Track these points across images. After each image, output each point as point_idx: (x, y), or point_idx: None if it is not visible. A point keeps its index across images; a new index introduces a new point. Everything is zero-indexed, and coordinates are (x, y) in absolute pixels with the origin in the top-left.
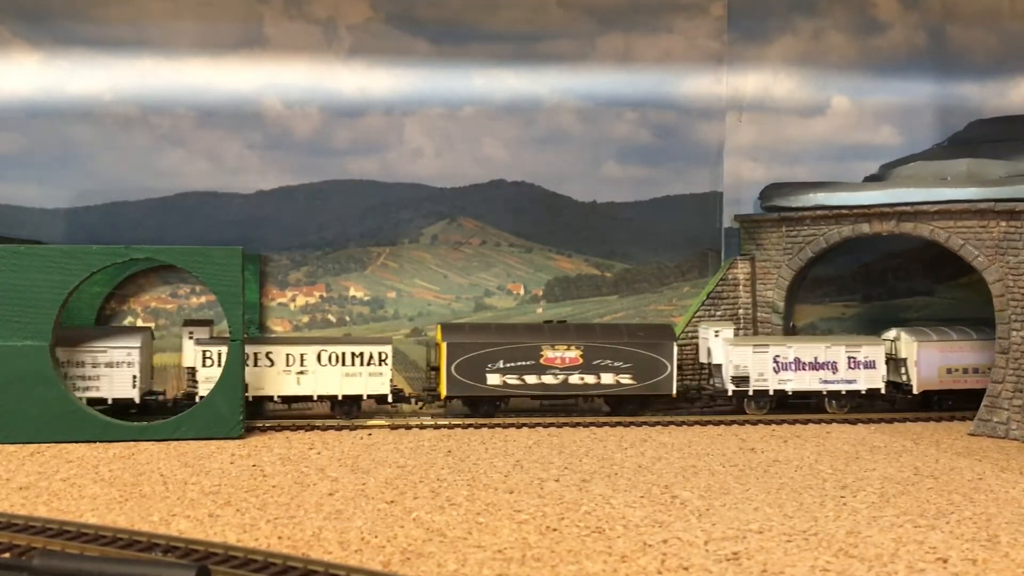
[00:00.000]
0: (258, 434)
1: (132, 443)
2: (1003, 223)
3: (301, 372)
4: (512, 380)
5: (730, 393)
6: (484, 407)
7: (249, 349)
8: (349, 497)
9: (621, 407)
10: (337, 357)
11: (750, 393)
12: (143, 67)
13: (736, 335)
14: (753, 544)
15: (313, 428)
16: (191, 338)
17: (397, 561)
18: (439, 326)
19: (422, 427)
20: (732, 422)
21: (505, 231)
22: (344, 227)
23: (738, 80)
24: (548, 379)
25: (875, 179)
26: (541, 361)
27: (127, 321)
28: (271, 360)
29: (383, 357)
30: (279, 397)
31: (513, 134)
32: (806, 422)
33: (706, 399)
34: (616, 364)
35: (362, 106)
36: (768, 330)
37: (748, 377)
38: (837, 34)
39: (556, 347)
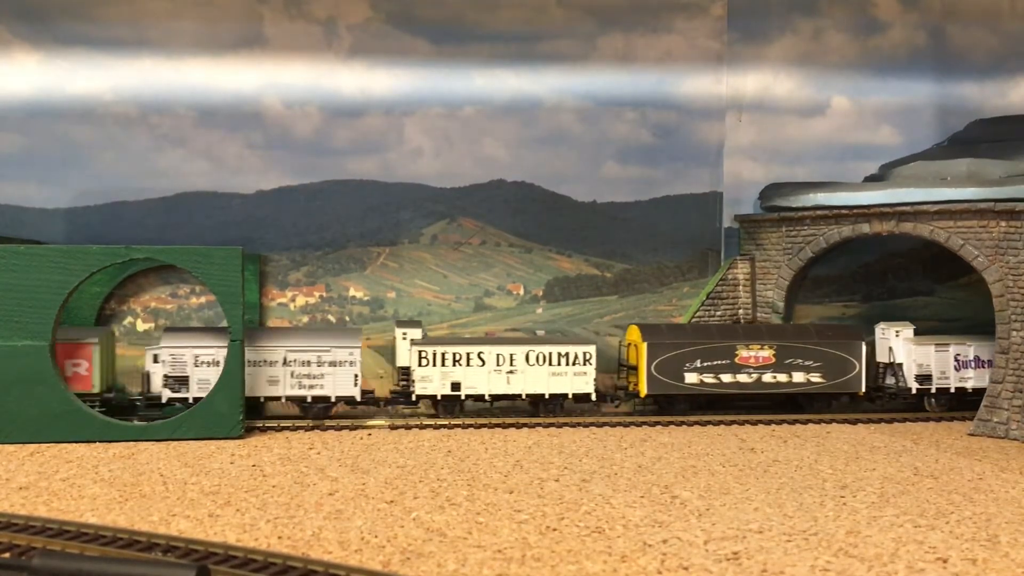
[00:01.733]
0: (258, 434)
1: (132, 443)
2: (1003, 223)
3: (511, 371)
4: (708, 379)
5: (914, 391)
6: (680, 405)
7: (462, 349)
8: (349, 497)
9: (810, 405)
10: (544, 357)
11: (932, 391)
12: (143, 67)
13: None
14: (753, 544)
15: (313, 428)
16: (404, 339)
17: (397, 561)
18: (636, 327)
19: (422, 427)
20: (732, 422)
21: (505, 231)
22: (344, 227)
23: (738, 80)
24: (743, 378)
25: (875, 179)
26: (736, 360)
27: (127, 321)
28: (482, 360)
29: (587, 357)
30: (490, 396)
31: (513, 134)
32: (806, 422)
33: (887, 397)
34: (807, 363)
35: (362, 106)
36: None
37: (931, 375)
38: (837, 34)
39: (750, 347)
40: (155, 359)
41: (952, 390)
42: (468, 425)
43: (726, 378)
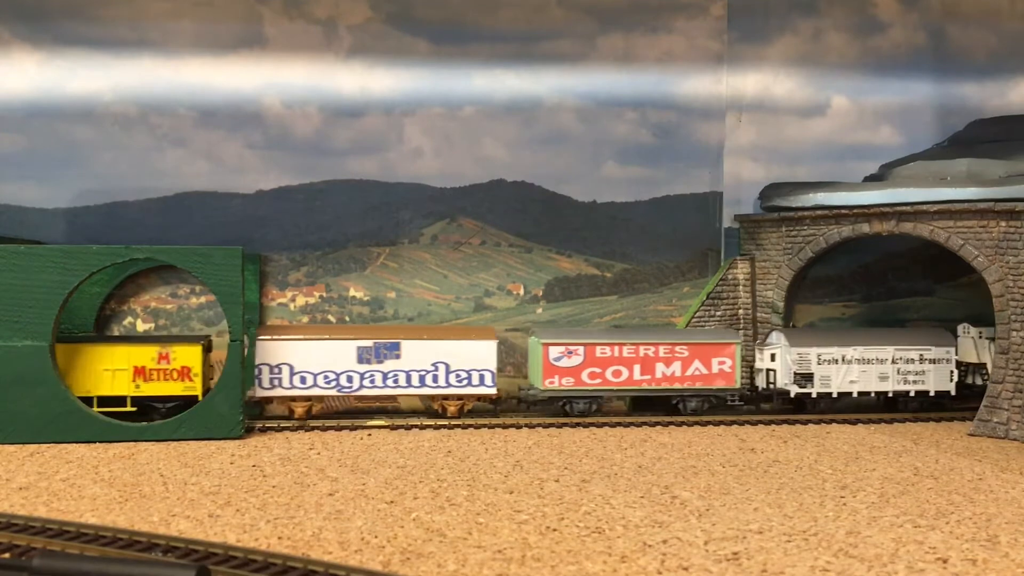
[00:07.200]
0: (258, 434)
1: (132, 443)
2: (1003, 223)
3: None
4: None
5: None
6: None
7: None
8: (349, 497)
9: None
10: None
11: None
12: (143, 67)
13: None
14: (753, 544)
15: (313, 428)
16: (981, 337)
17: (397, 561)
18: None
19: (422, 427)
20: (732, 422)
21: (505, 231)
22: (344, 227)
23: (738, 80)
24: None
25: (875, 179)
26: None
27: (127, 321)
28: None
29: None
30: None
31: (513, 134)
32: (806, 422)
33: None
34: None
35: (362, 106)
36: (768, 331)
37: None
38: (837, 34)
39: None
40: (772, 358)
41: None
42: (468, 425)
43: None
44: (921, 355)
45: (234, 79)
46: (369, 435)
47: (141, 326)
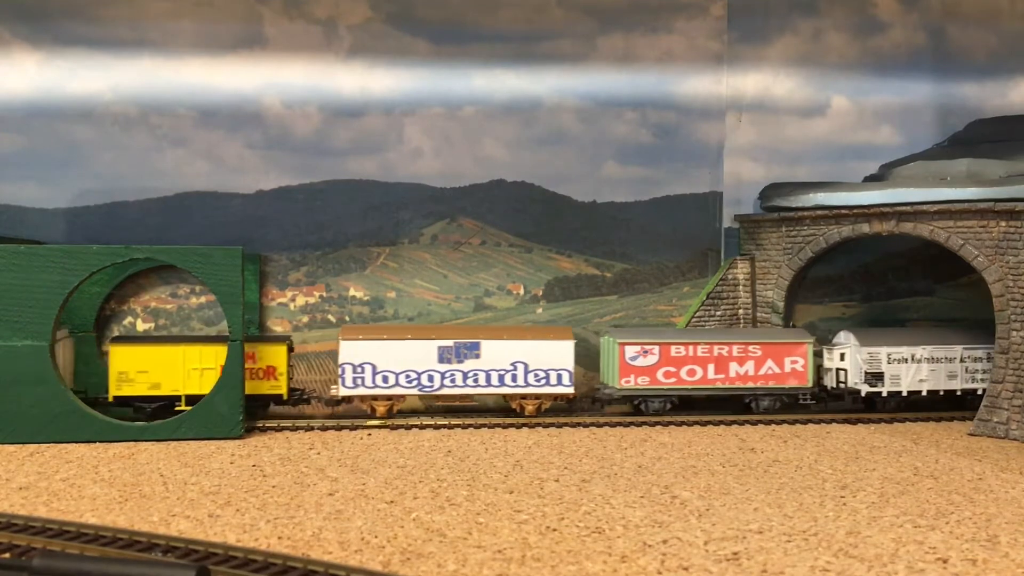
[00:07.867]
0: (258, 434)
1: (132, 443)
2: (1003, 223)
3: None
4: None
5: None
6: None
7: None
8: (349, 497)
9: None
10: None
11: None
12: (143, 67)
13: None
14: (753, 544)
15: (313, 428)
16: None
17: (397, 561)
18: None
19: (422, 427)
20: (732, 422)
21: (505, 231)
22: (344, 227)
23: (738, 80)
24: None
25: (875, 179)
26: None
27: (127, 321)
28: None
29: None
30: None
31: (513, 134)
32: (806, 422)
33: None
34: None
35: (362, 106)
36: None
37: None
38: (837, 34)
39: None
40: (841, 357)
41: None
42: (468, 425)
43: None
44: (989, 353)
45: (234, 79)
46: (369, 435)
47: (141, 326)
